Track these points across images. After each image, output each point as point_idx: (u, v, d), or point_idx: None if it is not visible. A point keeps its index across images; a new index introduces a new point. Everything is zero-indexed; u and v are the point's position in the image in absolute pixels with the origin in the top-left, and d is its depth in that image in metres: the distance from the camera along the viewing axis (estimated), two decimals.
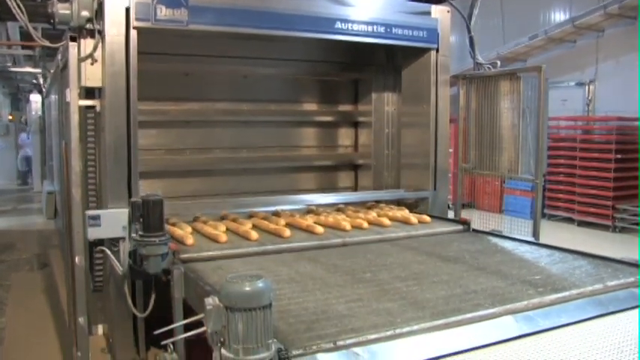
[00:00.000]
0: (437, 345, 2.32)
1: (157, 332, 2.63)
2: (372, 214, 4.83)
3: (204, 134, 5.73)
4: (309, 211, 5.13)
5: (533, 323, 2.58)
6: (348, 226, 4.40)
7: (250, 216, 4.89)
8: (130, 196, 4.02)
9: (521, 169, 5.35)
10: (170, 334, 2.65)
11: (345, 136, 6.50)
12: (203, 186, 5.66)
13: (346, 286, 3.07)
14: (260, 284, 1.99)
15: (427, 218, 4.78)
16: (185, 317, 2.81)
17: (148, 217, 3.52)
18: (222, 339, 2.02)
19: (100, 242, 3.91)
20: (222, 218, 4.80)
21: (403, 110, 5.81)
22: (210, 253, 3.76)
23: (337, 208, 5.29)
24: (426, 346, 2.31)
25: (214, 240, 4.00)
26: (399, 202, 5.56)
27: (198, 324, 2.19)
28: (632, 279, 3.11)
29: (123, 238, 3.77)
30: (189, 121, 5.63)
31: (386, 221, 4.60)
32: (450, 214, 5.64)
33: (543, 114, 5.20)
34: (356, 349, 2.19)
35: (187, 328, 2.37)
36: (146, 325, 4.21)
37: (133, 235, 3.62)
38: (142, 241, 3.49)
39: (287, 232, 4.17)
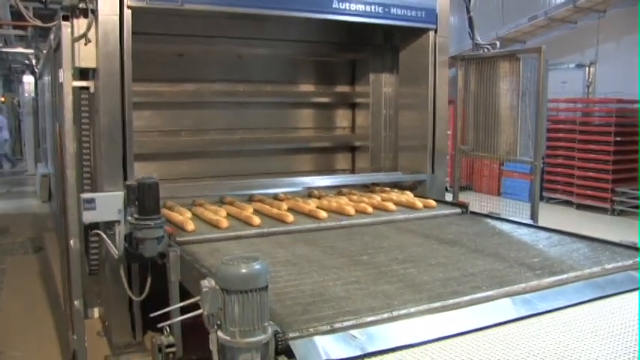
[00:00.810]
0: (434, 327, 2.33)
1: (153, 315, 2.64)
2: (377, 199, 4.79)
3: (200, 116, 5.72)
4: (310, 194, 5.11)
5: (530, 306, 2.60)
6: (352, 211, 4.34)
7: (250, 200, 4.87)
8: (125, 179, 4.02)
9: (519, 151, 5.36)
10: (166, 317, 2.66)
11: (342, 118, 6.49)
12: (198, 168, 5.66)
13: (343, 268, 3.07)
14: (256, 266, 2.00)
15: (433, 203, 4.73)
16: (181, 300, 2.82)
17: (144, 200, 3.52)
18: (218, 321, 2.03)
19: (96, 226, 3.91)
20: (222, 202, 4.78)
21: (401, 92, 5.79)
22: (207, 235, 3.77)
23: (339, 191, 5.26)
24: (423, 328, 2.32)
25: (215, 226, 3.96)
26: (396, 185, 5.57)
27: (195, 307, 2.19)
28: (629, 262, 3.13)
29: (118, 222, 3.76)
30: (184, 103, 5.62)
31: (391, 206, 4.55)
32: (448, 197, 5.65)
33: (543, 96, 5.20)
34: (353, 332, 2.20)
35: (184, 311, 2.38)
36: (142, 308, 4.23)
37: (129, 218, 3.62)
38: (138, 225, 3.50)
39: (290, 217, 4.12)
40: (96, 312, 5.03)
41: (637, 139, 11.44)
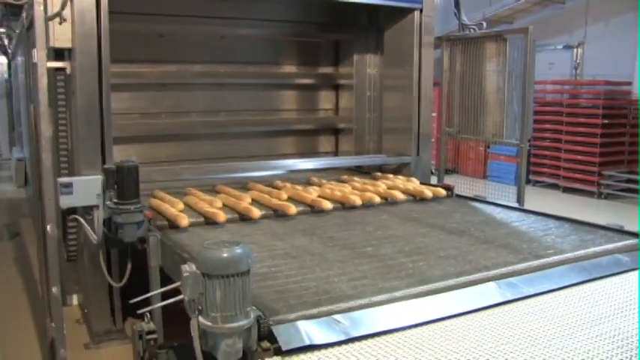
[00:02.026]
0: (418, 312, 2.35)
1: (133, 301, 2.64)
2: (381, 186, 4.61)
3: (181, 97, 5.69)
4: (309, 182, 4.96)
5: (516, 290, 2.63)
6: (358, 201, 4.13)
7: (247, 187, 4.72)
8: (103, 163, 4.00)
9: (505, 133, 5.40)
10: (147, 303, 2.66)
11: (325, 100, 6.49)
12: (179, 151, 5.64)
13: (347, 261, 2.94)
14: (238, 250, 2.00)
15: (442, 191, 4.55)
16: (162, 286, 2.82)
17: (123, 183, 3.51)
18: (199, 307, 2.03)
19: (73, 210, 3.90)
20: (215, 191, 4.61)
21: (385, 73, 5.79)
22: (193, 220, 3.73)
23: (340, 178, 5.08)
24: (407, 312, 2.34)
25: (211, 219, 3.73)
26: (380, 168, 5.59)
27: (176, 292, 2.20)
28: (616, 245, 3.17)
29: (97, 206, 3.74)
30: (164, 84, 5.58)
31: (399, 194, 4.36)
32: (433, 180, 5.68)
33: (529, 77, 5.23)
34: (337, 316, 2.22)
35: (165, 296, 2.38)
36: (122, 294, 4.23)
37: (108, 202, 3.61)
38: (117, 209, 3.49)
39: (292, 209, 3.91)
40: (75, 299, 5.01)
41: (625, 122, 11.54)
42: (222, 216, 3.70)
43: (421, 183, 4.88)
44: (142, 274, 3.35)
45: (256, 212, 3.82)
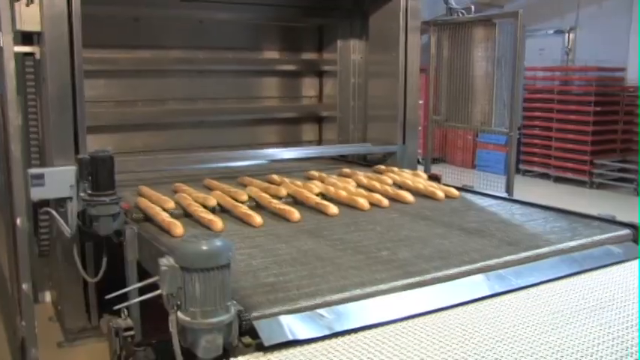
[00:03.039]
0: (405, 305, 2.36)
1: (109, 297, 2.63)
2: (388, 182, 4.37)
3: (158, 85, 5.66)
4: (309, 176, 4.73)
5: (505, 282, 2.65)
6: (366, 205, 3.86)
7: (240, 182, 4.49)
8: (76, 152, 3.96)
9: (494, 121, 5.43)
10: (124, 298, 2.66)
11: (308, 87, 6.49)
12: (157, 140, 5.62)
13: (363, 268, 2.71)
14: (218, 243, 2.00)
15: (455, 192, 4.28)
16: (140, 281, 2.81)
17: (98, 174, 3.48)
18: (178, 302, 2.03)
19: (45, 203, 3.87)
20: (207, 187, 4.35)
21: (371, 59, 5.80)
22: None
23: (340, 172, 4.88)
24: (394, 306, 2.35)
25: (207, 227, 3.41)
26: (365, 157, 5.60)
27: (154, 287, 2.19)
28: (608, 235, 3.20)
29: (70, 198, 3.72)
30: (140, 71, 5.55)
31: (408, 196, 4.08)
32: (420, 169, 5.70)
33: (519, 63, 5.26)
34: (320, 311, 2.23)
35: (142, 291, 2.38)
36: (97, 290, 4.21)
37: (82, 194, 3.58)
38: (92, 201, 3.46)
39: (296, 215, 3.59)
40: (47, 296, 4.99)
41: (618, 109, 11.63)
42: (218, 224, 3.36)
43: (429, 177, 4.68)
44: (118, 269, 3.34)
45: (258, 219, 3.49)
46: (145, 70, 5.56)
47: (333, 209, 3.76)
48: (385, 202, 3.97)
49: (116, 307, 2.64)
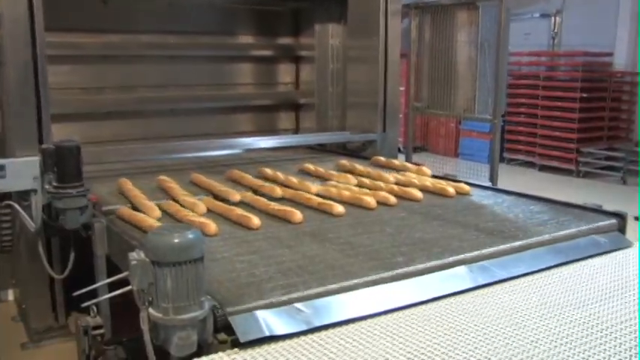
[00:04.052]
0: (385, 299, 2.37)
1: (76, 294, 2.62)
2: (390, 180, 4.20)
3: (127, 71, 5.62)
4: (304, 169, 4.54)
5: (488, 274, 2.67)
6: (372, 203, 3.65)
7: (230, 179, 4.26)
8: (40, 142, 3.92)
9: (477, 108, 5.46)
10: (92, 295, 2.64)
11: (285, 73, 6.48)
12: (126, 129, 5.58)
13: (379, 281, 2.53)
14: (190, 235, 2.00)
15: (466, 187, 4.08)
16: (109, 276, 2.80)
17: (63, 165, 3.45)
18: (150, 298, 2.03)
19: (7, 196, 3.82)
20: (193, 182, 4.15)
21: (349, 44, 5.79)
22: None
23: (338, 166, 4.72)
24: (374, 300, 2.36)
25: (203, 233, 2.97)
26: (344, 146, 5.61)
27: (124, 283, 2.19)
28: (594, 225, 3.24)
29: (34, 191, 3.68)
30: (108, 56, 5.50)
31: (417, 193, 3.88)
32: (401, 158, 5.73)
33: (503, 48, 5.28)
34: (298, 305, 2.24)
35: (112, 288, 2.37)
36: (64, 287, 4.18)
37: (47, 186, 3.55)
38: (57, 193, 3.43)
39: (298, 216, 3.35)
40: (10, 294, 4.94)
41: (605, 96, 11.75)
42: (212, 228, 3.12)
43: (433, 176, 4.49)
44: (86, 265, 3.32)
45: (256, 222, 3.24)
46: (113, 55, 5.51)
47: (338, 208, 3.52)
48: (392, 199, 3.75)
49: (84, 305, 2.62)
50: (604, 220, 3.32)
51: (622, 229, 3.28)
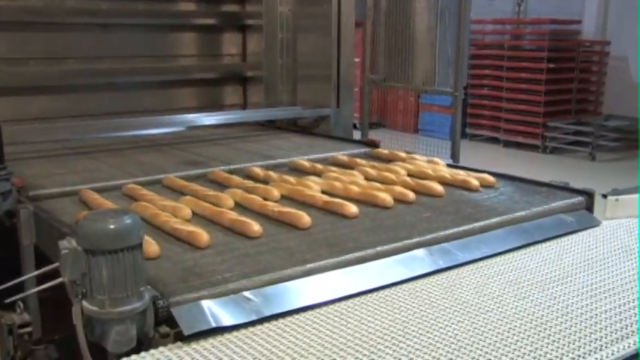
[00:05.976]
0: (341, 285, 2.39)
1: (0, 288, 2.58)
2: (401, 172, 3.84)
3: (53, 40, 5.49)
4: (299, 167, 4.11)
5: (449, 257, 2.71)
6: (389, 201, 3.30)
7: (216, 181, 3.80)
8: None
9: (438, 80, 5.50)
10: (19, 289, 2.60)
11: (230, 43, 6.44)
12: (56, 105, 5.47)
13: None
14: (127, 220, 1.98)
15: (491, 179, 3.76)
16: (38, 268, 2.76)
17: None
18: (83, 290, 2.00)
19: None
20: (168, 186, 3.68)
21: (300, 11, 5.77)
22: (75, 187, 3.53)
23: (337, 161, 4.30)
24: (328, 286, 2.38)
25: (187, 241, 2.74)
26: (295, 122, 5.61)
27: (55, 274, 2.16)
28: (560, 204, 3.31)
29: None
30: (31, 23, 5.35)
31: (438, 187, 3.54)
32: (357, 135, 5.75)
33: (465, 16, 5.32)
34: (246, 293, 2.24)
35: (41, 281, 2.34)
36: None
37: None
38: None
39: (306, 219, 2.96)
40: None
41: (573, 67, 11.94)
42: (204, 238, 2.70)
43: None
44: (11, 255, 3.27)
45: (257, 229, 2.83)
46: (36, 22, 5.37)
47: (352, 209, 3.14)
48: (411, 195, 3.40)
49: (8, 300, 2.58)
50: (571, 197, 3.39)
51: (590, 208, 3.36)
